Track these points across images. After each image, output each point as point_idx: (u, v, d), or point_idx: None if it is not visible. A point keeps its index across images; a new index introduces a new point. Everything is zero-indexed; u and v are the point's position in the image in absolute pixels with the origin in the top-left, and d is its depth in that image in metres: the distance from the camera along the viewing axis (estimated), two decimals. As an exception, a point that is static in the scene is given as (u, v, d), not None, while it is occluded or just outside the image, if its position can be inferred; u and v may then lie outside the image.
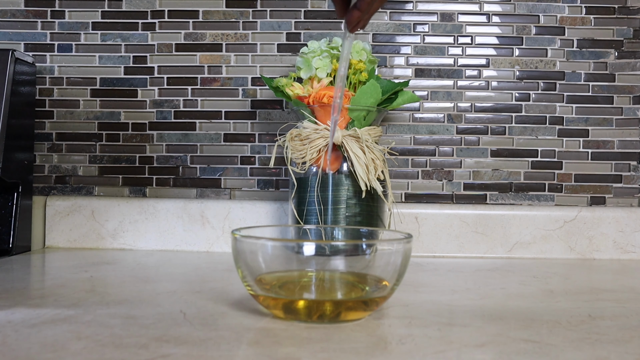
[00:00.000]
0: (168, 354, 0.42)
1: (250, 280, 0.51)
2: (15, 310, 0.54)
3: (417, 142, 1.00)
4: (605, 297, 0.65)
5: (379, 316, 0.54)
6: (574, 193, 1.00)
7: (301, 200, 0.84)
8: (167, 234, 0.97)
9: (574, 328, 0.51)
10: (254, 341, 0.46)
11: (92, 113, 1.02)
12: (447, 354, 0.43)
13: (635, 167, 1.00)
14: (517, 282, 0.74)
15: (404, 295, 0.63)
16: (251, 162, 1.01)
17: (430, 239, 0.96)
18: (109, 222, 0.97)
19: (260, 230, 0.60)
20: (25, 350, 0.42)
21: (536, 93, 1.00)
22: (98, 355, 0.41)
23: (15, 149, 0.90)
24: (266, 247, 0.51)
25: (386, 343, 0.46)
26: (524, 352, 0.44)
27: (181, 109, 1.01)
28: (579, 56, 1.00)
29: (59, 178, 1.02)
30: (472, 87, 1.00)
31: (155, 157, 1.02)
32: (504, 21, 1.00)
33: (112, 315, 0.52)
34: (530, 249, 0.95)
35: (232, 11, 1.01)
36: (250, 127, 1.01)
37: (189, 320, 0.51)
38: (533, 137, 1.00)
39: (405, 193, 1.00)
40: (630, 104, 0.99)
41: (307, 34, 1.00)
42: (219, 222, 0.97)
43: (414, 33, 1.00)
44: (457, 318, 0.54)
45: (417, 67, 1.00)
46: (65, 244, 0.98)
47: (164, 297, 0.60)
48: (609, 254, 0.95)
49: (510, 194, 1.00)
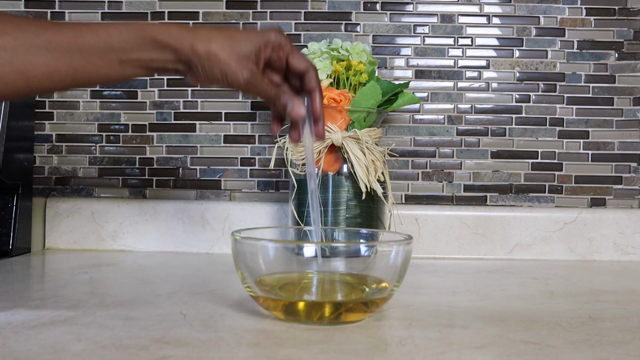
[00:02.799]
0: (168, 355, 0.42)
1: (251, 281, 0.51)
2: (15, 311, 0.54)
3: (417, 143, 1.00)
4: (606, 298, 0.65)
5: (379, 318, 0.54)
6: (574, 194, 1.00)
7: (301, 202, 0.84)
8: (167, 235, 0.97)
9: (574, 329, 0.51)
10: (254, 342, 0.46)
11: (92, 114, 1.02)
12: (447, 355, 0.43)
13: (635, 169, 0.99)
14: (518, 283, 0.74)
15: (404, 296, 0.63)
16: (251, 163, 1.01)
17: (430, 240, 0.95)
18: (109, 224, 0.97)
19: (260, 231, 0.60)
20: (25, 351, 0.42)
21: (536, 94, 1.00)
22: (98, 356, 0.41)
23: (16, 150, 0.90)
24: (266, 249, 0.51)
25: (386, 344, 0.46)
26: (524, 354, 0.44)
27: (181, 111, 1.01)
28: (579, 57, 1.00)
29: (59, 179, 1.02)
30: (472, 89, 1.00)
31: (155, 159, 1.02)
32: (504, 22, 1.00)
33: (112, 317, 0.52)
34: (530, 250, 0.95)
35: (232, 12, 1.01)
36: (250, 129, 1.01)
37: (189, 322, 0.51)
38: (533, 139, 1.00)
39: (405, 194, 1.00)
40: (630, 106, 0.99)
41: (307, 35, 1.00)
42: (219, 224, 0.97)
43: (414, 34, 1.00)
44: (457, 319, 0.54)
45: (417, 69, 1.00)
46: (66, 245, 0.98)
47: (164, 299, 0.60)
48: (609, 255, 0.95)
49: (511, 195, 1.00)
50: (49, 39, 0.50)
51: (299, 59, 0.56)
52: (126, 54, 0.51)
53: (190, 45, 0.52)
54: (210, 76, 0.53)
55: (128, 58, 0.52)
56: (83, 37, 0.50)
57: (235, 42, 0.53)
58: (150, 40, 0.51)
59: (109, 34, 0.51)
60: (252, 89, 0.54)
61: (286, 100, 0.55)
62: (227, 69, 0.52)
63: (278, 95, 0.55)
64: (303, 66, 0.57)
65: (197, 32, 0.52)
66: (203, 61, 0.52)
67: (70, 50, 0.50)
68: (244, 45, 0.53)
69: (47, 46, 0.50)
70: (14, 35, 0.49)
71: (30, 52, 0.49)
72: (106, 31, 0.51)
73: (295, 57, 0.56)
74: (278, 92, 0.55)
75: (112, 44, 0.51)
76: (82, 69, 0.51)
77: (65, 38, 0.50)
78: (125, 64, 0.52)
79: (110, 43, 0.51)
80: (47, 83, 0.51)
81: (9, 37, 0.49)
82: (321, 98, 0.58)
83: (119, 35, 0.51)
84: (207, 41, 0.52)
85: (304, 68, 0.57)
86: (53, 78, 0.50)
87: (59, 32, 0.50)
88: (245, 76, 0.53)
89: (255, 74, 0.53)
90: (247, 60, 0.53)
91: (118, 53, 0.51)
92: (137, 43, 0.51)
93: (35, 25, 0.50)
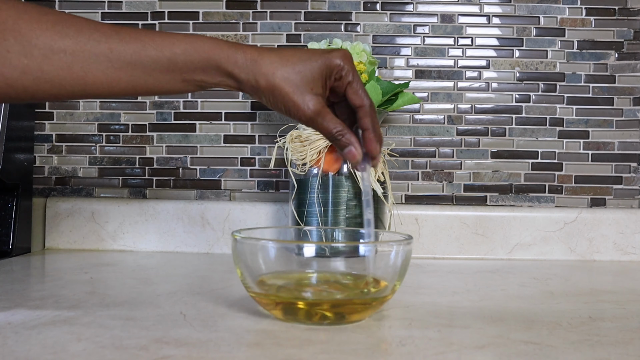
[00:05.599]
0: (168, 355, 0.42)
1: (251, 281, 0.51)
2: (15, 311, 0.54)
3: (417, 143, 1.00)
4: (606, 298, 0.65)
5: (379, 318, 0.54)
6: (574, 194, 1.00)
7: (301, 202, 0.84)
8: (167, 235, 0.97)
9: (574, 329, 0.51)
10: (254, 343, 0.46)
11: (92, 114, 1.02)
12: (447, 355, 0.43)
13: (635, 169, 0.99)
14: (518, 283, 0.74)
15: (404, 296, 0.63)
16: (251, 163, 1.01)
17: (430, 240, 0.95)
18: (109, 224, 0.97)
19: (260, 231, 0.60)
20: (25, 351, 0.42)
21: (536, 94, 1.00)
22: (98, 356, 0.41)
23: (15, 150, 0.90)
24: (266, 249, 0.51)
25: (386, 344, 0.46)
26: (524, 354, 0.44)
27: (181, 110, 1.01)
28: (579, 57, 1.00)
29: (59, 179, 1.02)
30: (473, 89, 1.00)
31: (155, 159, 1.02)
32: (504, 22, 1.00)
33: (112, 317, 0.52)
34: (530, 250, 0.95)
35: (232, 12, 1.01)
36: (250, 129, 1.01)
37: (189, 322, 0.51)
38: (533, 139, 1.00)
39: (405, 194, 1.00)
40: (630, 106, 0.99)
41: (307, 35, 1.00)
42: (219, 224, 0.97)
43: (414, 34, 1.00)
44: (458, 320, 0.54)
45: (417, 69, 1.00)
46: (66, 245, 0.98)
47: (164, 299, 0.60)
48: (609, 255, 0.95)
49: (511, 195, 1.00)
50: (111, 48, 0.49)
51: (356, 93, 0.54)
52: (190, 75, 0.51)
53: (254, 79, 0.51)
54: (274, 107, 0.52)
55: (192, 78, 0.51)
56: (146, 51, 0.49)
57: (303, 73, 0.51)
58: (214, 66, 0.50)
59: (174, 52, 0.50)
60: (315, 125, 0.53)
61: (346, 143, 0.53)
62: (291, 105, 0.51)
63: (340, 136, 0.53)
64: (358, 102, 0.54)
65: (262, 61, 0.51)
66: (267, 95, 0.51)
67: (133, 62, 0.49)
68: (310, 74, 0.51)
69: (109, 55, 0.49)
70: (75, 39, 0.48)
71: (90, 59, 0.48)
72: (170, 48, 0.50)
73: (354, 88, 0.54)
74: (340, 132, 0.53)
75: (176, 62, 0.50)
76: (144, 83, 0.50)
77: (128, 49, 0.49)
78: (187, 82, 0.51)
79: (175, 61, 0.50)
80: (106, 91, 0.50)
81: (70, 40, 0.48)
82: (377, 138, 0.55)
83: (183, 55, 0.50)
84: (272, 74, 0.50)
85: (359, 104, 0.54)
86: (112, 88, 0.50)
87: (122, 41, 0.49)
88: (309, 112, 0.51)
89: (319, 109, 0.52)
90: (313, 91, 0.51)
91: (182, 72, 0.51)
92: (201, 65, 0.50)
93: (98, 30, 0.49)
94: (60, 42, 0.48)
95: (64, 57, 0.48)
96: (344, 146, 0.54)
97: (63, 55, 0.48)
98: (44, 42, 0.47)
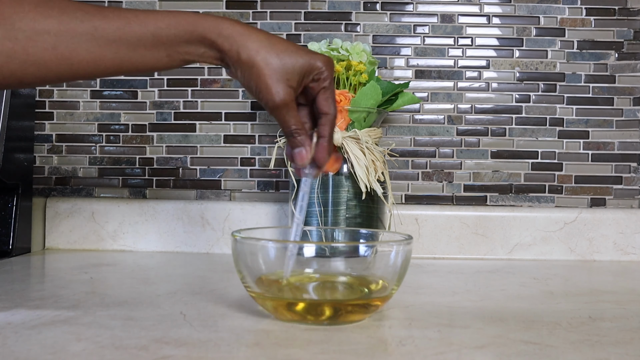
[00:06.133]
0: (168, 355, 0.42)
1: (250, 281, 0.51)
2: (15, 311, 0.54)
3: (417, 143, 1.00)
4: (606, 298, 0.65)
5: (379, 318, 0.54)
6: (574, 194, 1.00)
7: (301, 202, 0.83)
8: (167, 235, 0.97)
9: (574, 330, 0.51)
10: (254, 343, 0.46)
11: (92, 114, 1.02)
12: (447, 355, 0.43)
13: (635, 169, 0.99)
14: (518, 283, 0.74)
15: (404, 296, 0.63)
16: (251, 163, 1.01)
17: (430, 240, 0.95)
18: (109, 224, 0.97)
19: (260, 231, 0.60)
20: (25, 351, 0.42)
21: (536, 94, 1.00)
22: (98, 356, 0.41)
23: (16, 150, 0.90)
24: (266, 249, 0.51)
25: (386, 344, 0.46)
26: (524, 354, 0.44)
27: (181, 111, 1.01)
28: (579, 57, 1.00)
29: (59, 179, 1.02)
30: (473, 89, 1.00)
31: (155, 159, 1.02)
32: (504, 22, 1.00)
33: (112, 317, 0.52)
34: (530, 250, 0.95)
35: (232, 12, 1.01)
36: (250, 129, 1.01)
37: (189, 322, 0.51)
38: (533, 139, 1.00)
39: (405, 194, 1.00)
40: (630, 106, 0.99)
41: (307, 35, 1.00)
42: (219, 224, 0.97)
43: (414, 34, 1.00)
44: (457, 319, 0.54)
45: (417, 69, 1.00)
46: (66, 245, 0.98)
47: (164, 299, 0.60)
48: (609, 255, 0.95)
49: (511, 195, 1.00)
50: (95, 26, 0.48)
51: (326, 100, 0.54)
52: (174, 48, 0.51)
53: (237, 50, 0.50)
54: (245, 85, 0.52)
55: (175, 51, 0.51)
56: (130, 27, 0.49)
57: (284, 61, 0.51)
58: (198, 36, 0.50)
59: (158, 26, 0.50)
60: (278, 115, 0.52)
61: (300, 144, 0.53)
62: (263, 87, 0.51)
63: (296, 134, 0.53)
64: (325, 109, 0.54)
65: (250, 36, 0.51)
66: (244, 70, 0.51)
67: (117, 39, 0.49)
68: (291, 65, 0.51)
69: (93, 33, 0.48)
70: (59, 19, 0.47)
71: (75, 38, 0.48)
72: (155, 23, 0.50)
73: (326, 95, 0.54)
74: (298, 131, 0.53)
75: (160, 37, 0.50)
76: (129, 59, 0.50)
77: (112, 26, 0.49)
78: (172, 58, 0.51)
79: (159, 35, 0.50)
80: (92, 70, 0.50)
81: (53, 20, 0.47)
82: (330, 149, 0.55)
83: (167, 28, 0.50)
84: (256, 51, 0.50)
85: (326, 111, 0.54)
86: (98, 66, 0.50)
87: (105, 19, 0.49)
88: (278, 100, 0.51)
89: (288, 101, 0.51)
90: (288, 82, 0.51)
91: (166, 47, 0.50)
92: (185, 38, 0.50)
93: (81, 10, 0.48)
94: (43, 23, 0.47)
95: (48, 38, 0.47)
96: (296, 146, 0.54)
97: (47, 36, 0.47)
98: (28, 24, 0.47)
